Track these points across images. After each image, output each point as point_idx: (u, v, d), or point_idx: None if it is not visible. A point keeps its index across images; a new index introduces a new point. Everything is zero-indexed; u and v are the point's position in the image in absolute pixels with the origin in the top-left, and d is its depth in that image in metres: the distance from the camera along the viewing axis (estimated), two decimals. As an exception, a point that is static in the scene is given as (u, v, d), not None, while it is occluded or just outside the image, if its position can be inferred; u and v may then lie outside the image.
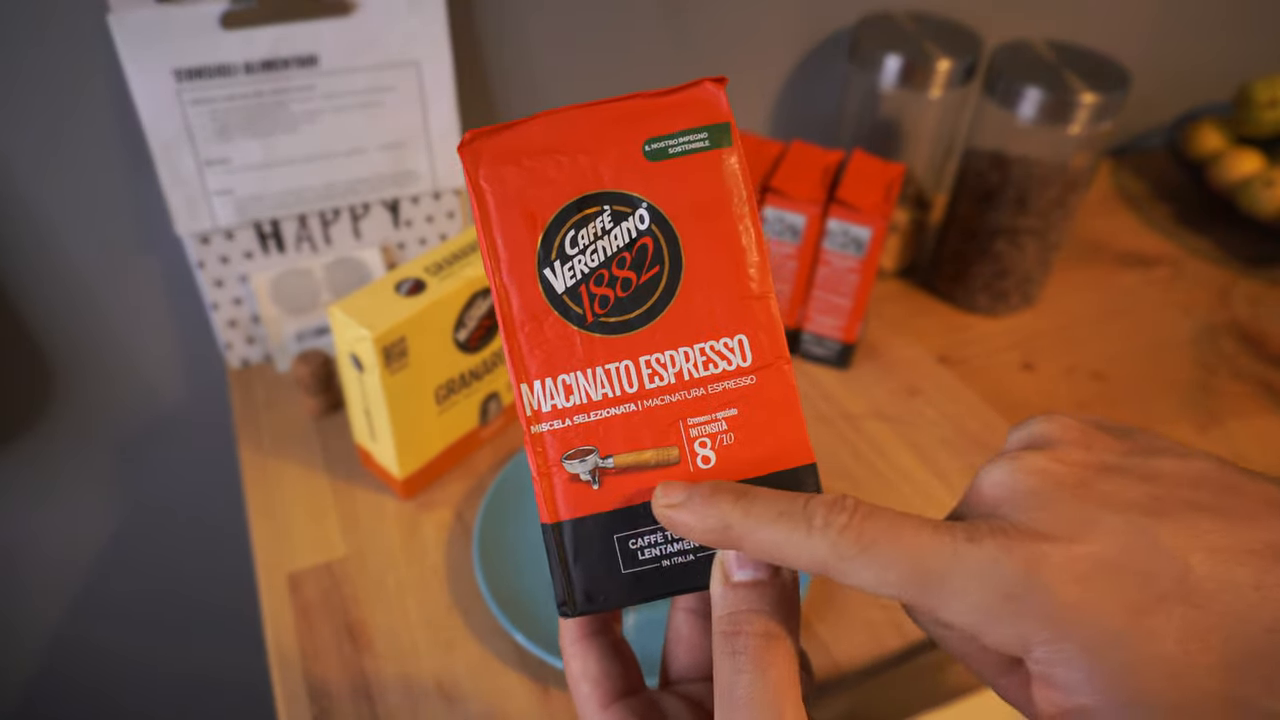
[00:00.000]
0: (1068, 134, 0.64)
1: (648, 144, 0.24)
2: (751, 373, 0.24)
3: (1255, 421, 0.65)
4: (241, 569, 0.84)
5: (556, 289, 0.24)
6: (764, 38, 0.73)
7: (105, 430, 0.70)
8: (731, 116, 0.24)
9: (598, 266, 0.24)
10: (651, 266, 0.24)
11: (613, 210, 0.24)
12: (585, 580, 0.24)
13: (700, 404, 0.24)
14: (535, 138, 0.24)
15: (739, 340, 0.24)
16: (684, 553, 0.24)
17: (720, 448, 0.24)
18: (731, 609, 0.22)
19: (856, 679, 0.49)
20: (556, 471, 0.24)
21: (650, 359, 0.24)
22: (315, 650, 0.48)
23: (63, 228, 0.59)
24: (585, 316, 0.24)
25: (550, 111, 0.24)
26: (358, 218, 0.63)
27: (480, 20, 0.63)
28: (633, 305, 0.24)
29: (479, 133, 0.24)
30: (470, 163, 0.24)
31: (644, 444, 0.24)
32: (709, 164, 0.24)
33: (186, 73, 0.54)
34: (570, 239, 0.24)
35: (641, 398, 0.24)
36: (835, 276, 0.62)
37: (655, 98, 0.24)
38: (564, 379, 0.24)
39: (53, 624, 0.80)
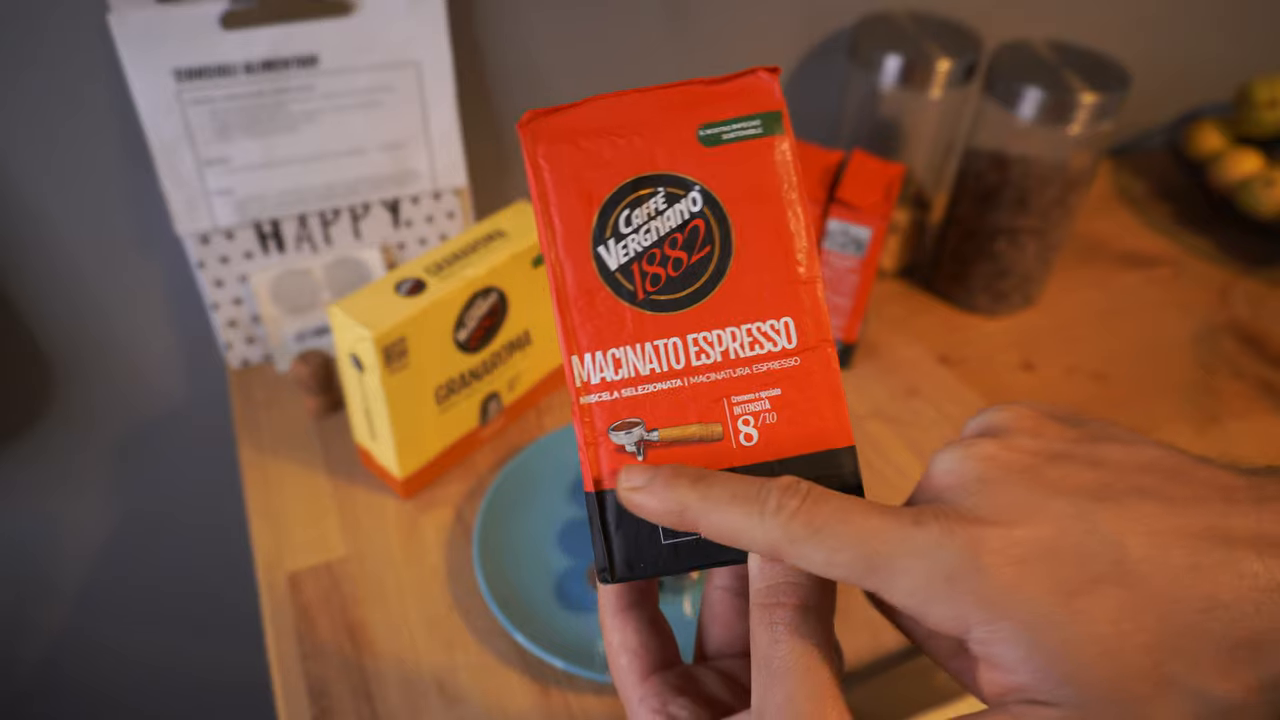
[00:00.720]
0: (1068, 134, 0.64)
1: (702, 129, 0.25)
2: (796, 355, 0.24)
3: (1255, 421, 0.65)
4: (241, 569, 0.84)
5: (610, 265, 0.24)
6: (764, 38, 0.73)
7: (105, 430, 0.70)
8: (784, 105, 0.25)
9: (650, 245, 0.24)
10: (703, 247, 0.24)
11: (667, 192, 0.25)
12: (626, 549, 0.24)
13: (745, 383, 0.24)
14: (592, 119, 0.25)
15: (785, 322, 0.24)
16: None
17: (763, 425, 0.24)
18: (769, 582, 0.22)
19: (856, 679, 0.49)
20: (603, 442, 0.24)
21: (698, 337, 0.24)
22: (315, 650, 0.48)
23: (63, 228, 0.59)
24: (636, 293, 0.24)
25: (607, 95, 0.25)
26: (358, 218, 0.63)
27: (480, 20, 0.63)
28: (683, 284, 0.24)
29: (538, 113, 0.25)
30: (529, 141, 0.25)
31: (689, 419, 0.24)
32: (761, 150, 0.25)
33: (186, 73, 0.54)
34: (625, 218, 0.24)
35: (688, 374, 0.24)
36: (835, 276, 0.62)
37: (710, 85, 0.25)
38: (614, 353, 0.24)
39: (53, 623, 0.80)
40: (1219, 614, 0.19)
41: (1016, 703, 0.20)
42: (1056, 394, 0.67)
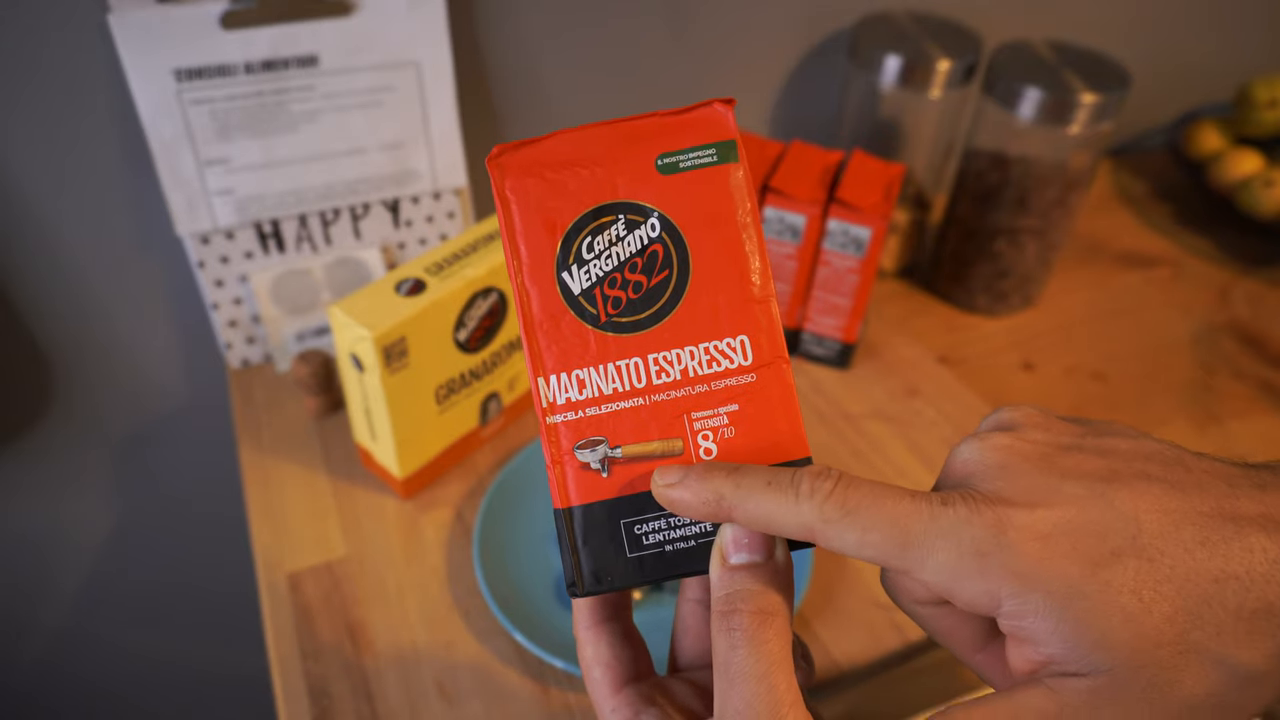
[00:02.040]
0: (1068, 134, 0.64)
1: (660, 159, 0.26)
2: (752, 371, 0.26)
3: (1255, 421, 0.65)
4: (242, 569, 0.84)
5: (573, 290, 0.26)
6: (764, 38, 0.73)
7: (105, 430, 0.70)
8: (738, 135, 0.26)
9: (611, 270, 0.26)
10: (661, 271, 0.26)
11: (626, 219, 0.26)
12: (593, 562, 0.25)
13: (704, 399, 0.25)
14: (556, 152, 0.26)
15: (741, 340, 0.26)
16: (686, 538, 0.25)
17: (722, 440, 0.25)
18: (728, 589, 0.23)
19: (856, 679, 0.49)
20: (569, 460, 0.25)
21: (658, 356, 0.26)
22: (315, 650, 0.48)
23: (63, 228, 0.59)
24: (599, 316, 0.26)
25: (570, 129, 0.26)
26: (358, 218, 0.63)
27: (480, 20, 0.63)
28: (643, 306, 0.26)
29: (505, 147, 0.26)
30: (498, 174, 0.26)
31: (651, 435, 0.25)
32: (716, 178, 0.26)
33: (186, 73, 0.54)
34: (587, 245, 0.26)
35: (649, 392, 0.25)
36: (835, 276, 0.62)
37: (668, 116, 0.26)
38: (578, 374, 0.25)
39: (53, 622, 0.80)
40: (1232, 585, 0.20)
41: (1049, 676, 0.20)
42: (1056, 394, 0.67)
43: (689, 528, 0.25)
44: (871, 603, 0.51)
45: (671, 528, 0.25)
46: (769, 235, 0.62)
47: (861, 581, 0.52)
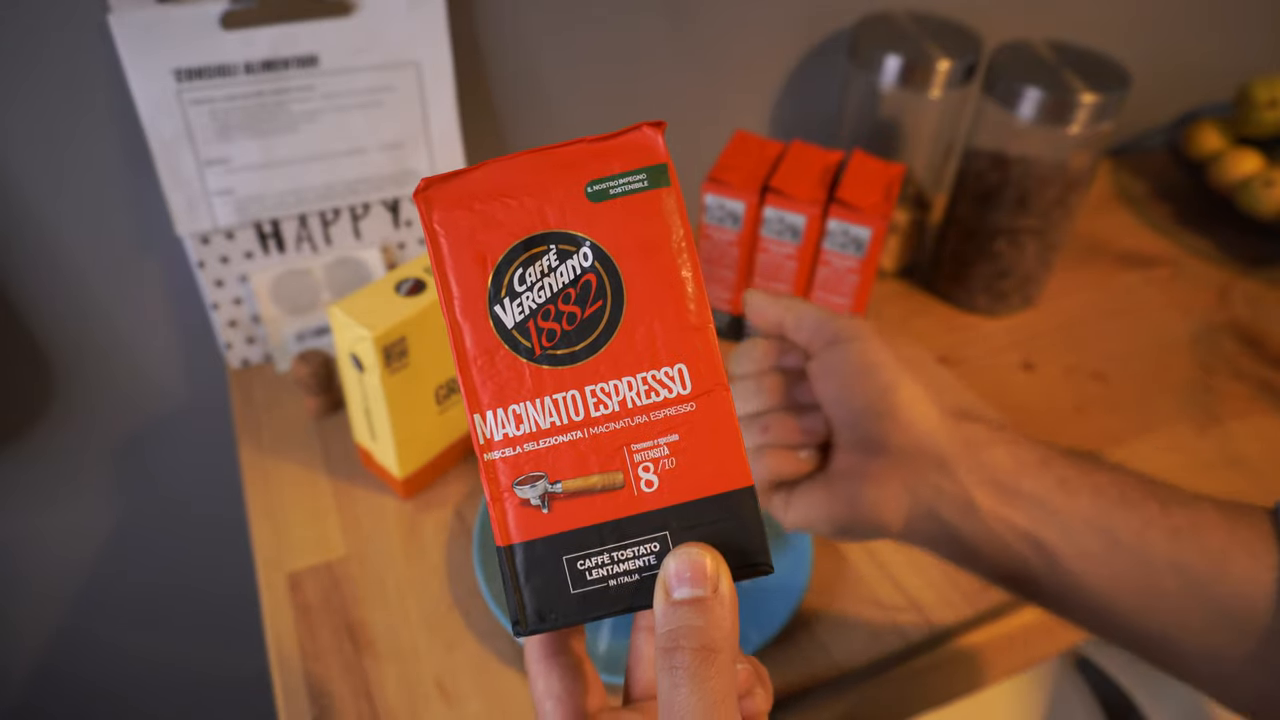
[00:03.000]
0: (1068, 134, 0.64)
1: (590, 186, 0.26)
2: (691, 400, 0.25)
3: (1255, 421, 0.65)
4: (241, 569, 0.84)
5: (506, 324, 0.25)
6: (764, 38, 0.73)
7: (105, 430, 0.70)
8: (668, 158, 0.26)
9: (545, 302, 0.25)
10: (595, 301, 0.25)
11: (558, 249, 0.25)
12: (536, 600, 0.25)
13: (643, 430, 0.25)
14: (485, 183, 0.26)
15: (679, 369, 0.25)
16: (629, 573, 0.25)
17: (662, 472, 0.25)
18: (671, 626, 0.23)
19: (856, 679, 0.49)
20: (508, 496, 0.25)
21: (595, 388, 0.25)
22: (315, 650, 0.48)
23: (63, 228, 0.59)
24: (534, 349, 0.25)
25: (498, 158, 0.26)
26: (358, 218, 0.63)
27: (480, 21, 0.63)
28: (578, 338, 0.25)
29: (432, 180, 0.25)
30: (425, 208, 0.25)
31: (591, 469, 0.25)
32: (648, 203, 0.26)
33: (186, 73, 0.54)
34: (518, 277, 0.25)
35: (588, 425, 0.25)
36: (835, 276, 0.62)
37: (597, 142, 0.26)
38: (514, 409, 0.25)
39: (53, 623, 0.80)
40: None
41: None
42: (1056, 394, 0.67)
43: (632, 561, 0.25)
44: (871, 603, 0.51)
45: (615, 562, 0.25)
46: (769, 235, 0.62)
47: (862, 581, 0.52)
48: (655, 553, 0.25)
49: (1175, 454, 0.62)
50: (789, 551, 0.52)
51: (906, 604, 0.51)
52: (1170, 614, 0.33)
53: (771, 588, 0.50)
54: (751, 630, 0.48)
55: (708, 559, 0.24)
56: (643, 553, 0.25)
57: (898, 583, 0.52)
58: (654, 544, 0.25)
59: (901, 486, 0.36)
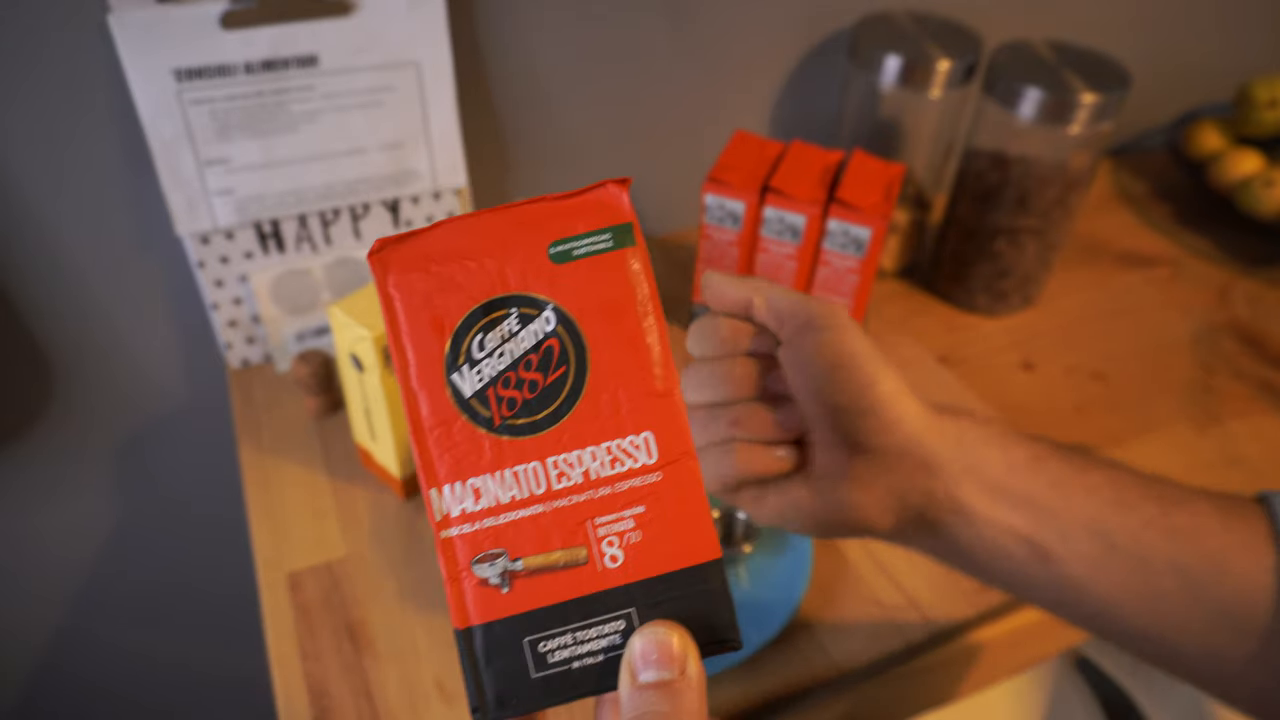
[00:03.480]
0: (1068, 134, 0.64)
1: (552, 246, 0.25)
2: (658, 470, 0.24)
3: (1255, 421, 0.65)
4: (241, 569, 0.84)
5: (465, 393, 0.24)
6: (764, 38, 0.73)
7: (105, 430, 0.70)
8: (634, 216, 0.25)
9: (505, 369, 0.24)
10: (558, 367, 0.24)
11: (520, 313, 0.24)
12: (496, 685, 0.24)
13: (608, 503, 0.24)
14: (442, 243, 0.24)
15: (645, 438, 0.24)
16: (594, 653, 0.24)
17: (628, 545, 0.24)
18: (637, 711, 0.22)
19: (856, 679, 0.49)
20: (466, 576, 0.24)
21: (558, 459, 0.24)
22: (315, 650, 0.48)
23: (63, 228, 0.59)
24: (493, 419, 0.24)
25: (457, 218, 0.25)
26: (358, 218, 0.63)
27: (480, 21, 0.63)
28: (540, 406, 0.24)
29: (387, 241, 0.24)
30: (380, 270, 0.24)
31: (553, 545, 0.24)
32: (613, 264, 0.25)
33: (186, 73, 0.54)
34: (478, 342, 0.24)
35: (550, 498, 0.24)
36: (835, 276, 0.62)
37: (559, 200, 0.25)
38: (473, 482, 0.24)
39: (53, 622, 0.80)
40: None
41: None
42: (1056, 394, 0.67)
43: (597, 641, 0.24)
44: (871, 603, 0.51)
45: (578, 643, 0.24)
46: (769, 235, 0.62)
47: (862, 581, 0.52)
48: (621, 631, 0.24)
49: (1175, 454, 0.62)
50: (789, 551, 0.52)
51: (906, 604, 0.51)
52: (1170, 615, 0.32)
53: (771, 588, 0.50)
54: (751, 630, 0.48)
55: (675, 639, 0.23)
56: (608, 632, 0.24)
57: (898, 583, 0.52)
58: (619, 622, 0.24)
59: (887, 489, 0.34)
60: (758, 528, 0.53)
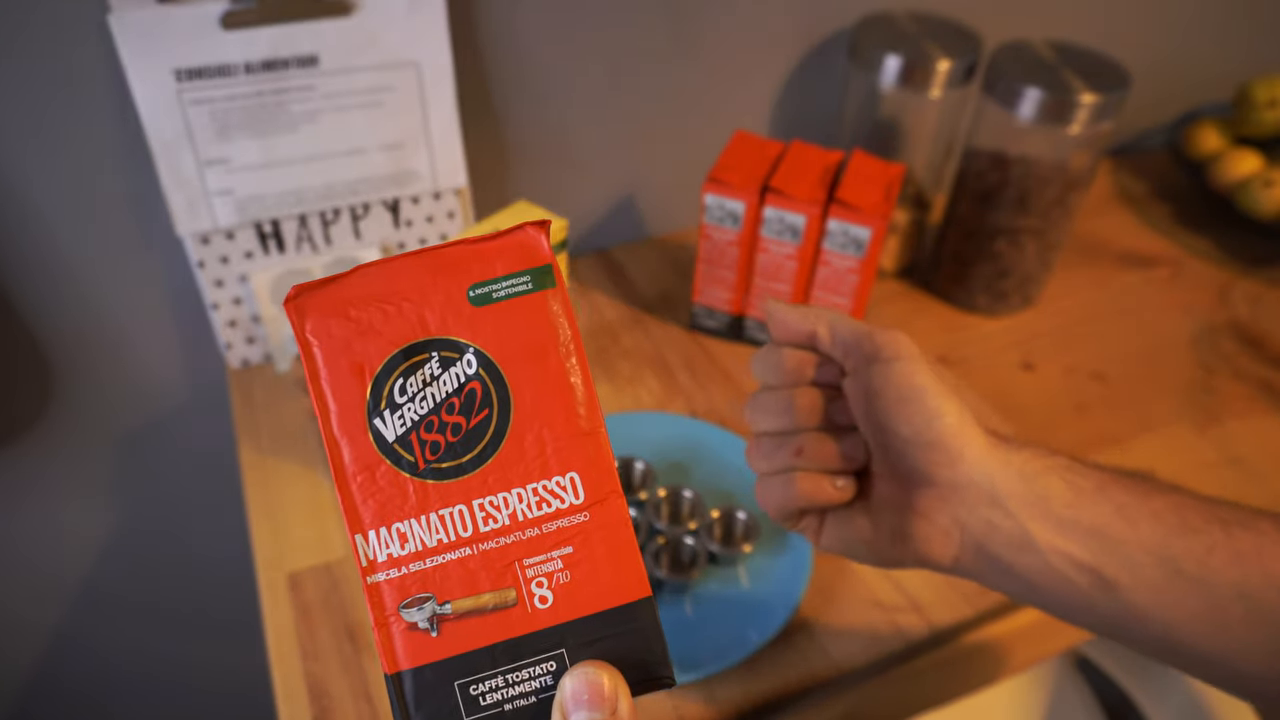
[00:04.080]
0: (1068, 134, 0.64)
1: (472, 289, 0.25)
2: (585, 509, 0.24)
3: (1255, 421, 0.65)
4: (241, 569, 0.84)
5: (387, 438, 0.24)
6: (764, 38, 0.73)
7: (105, 430, 0.70)
8: (553, 258, 0.25)
9: (427, 413, 0.24)
10: (480, 410, 0.24)
11: (440, 356, 0.24)
12: None
13: (535, 544, 0.24)
14: (361, 288, 0.24)
15: (570, 478, 0.24)
16: (525, 694, 0.24)
17: (557, 586, 0.24)
18: None
19: (856, 679, 0.49)
20: (394, 621, 0.24)
21: (484, 502, 0.24)
22: (315, 650, 0.48)
23: (63, 228, 0.59)
24: (417, 464, 0.24)
25: (375, 262, 0.25)
26: (358, 218, 0.63)
27: (480, 21, 0.63)
28: (464, 450, 0.24)
29: (304, 287, 0.24)
30: (296, 317, 0.24)
31: (481, 588, 0.24)
32: (533, 306, 0.25)
33: (186, 73, 0.54)
34: (399, 387, 0.24)
35: (476, 541, 0.24)
36: (835, 276, 0.62)
37: (478, 244, 0.25)
38: (398, 527, 0.24)
39: (52, 623, 0.80)
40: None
41: None
42: (1056, 394, 0.67)
43: (528, 683, 0.24)
44: (871, 603, 0.51)
45: (510, 685, 0.24)
46: (769, 235, 0.62)
47: (862, 581, 0.52)
48: (552, 672, 0.24)
49: (1175, 454, 0.62)
50: (789, 552, 0.52)
51: (906, 604, 0.51)
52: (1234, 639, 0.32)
53: (771, 588, 0.50)
54: (751, 631, 0.48)
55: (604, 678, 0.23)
56: (539, 673, 0.24)
57: (898, 583, 0.52)
58: (550, 663, 0.24)
59: (951, 521, 0.34)
60: (758, 528, 0.53)
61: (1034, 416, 0.65)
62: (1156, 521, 0.33)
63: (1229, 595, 0.32)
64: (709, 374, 0.66)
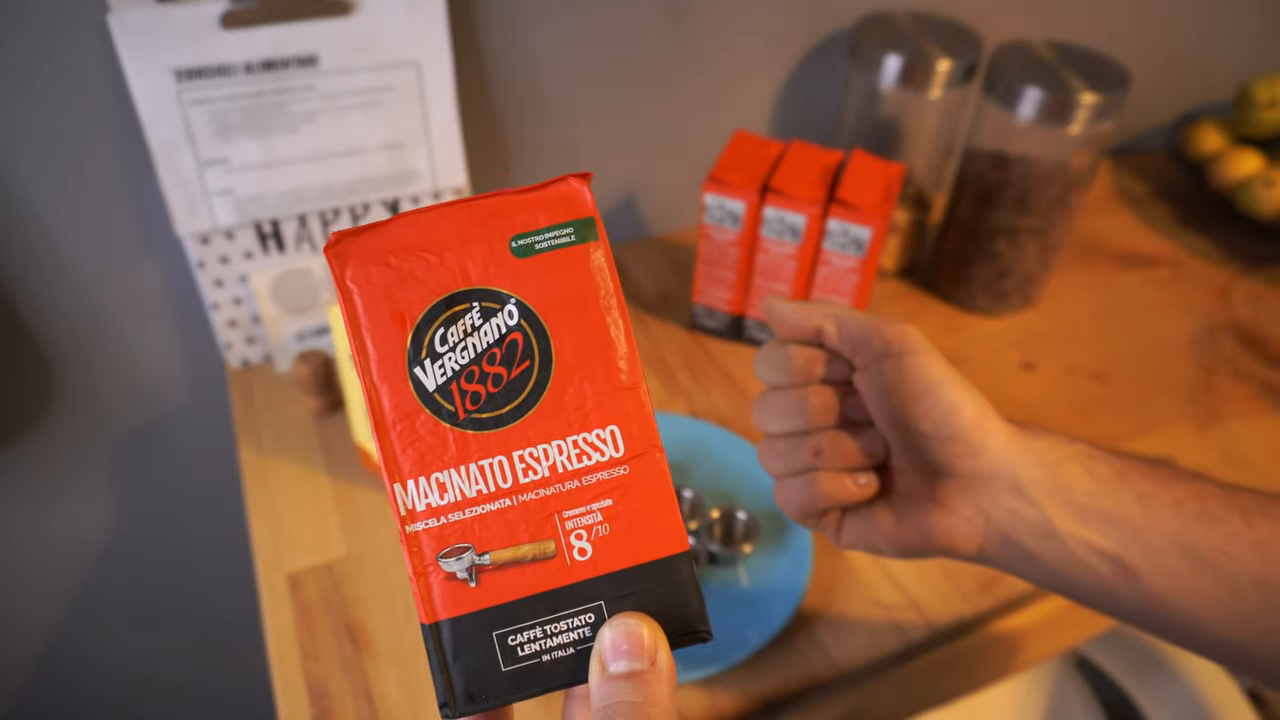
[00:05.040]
0: (1068, 134, 0.64)
1: (514, 240, 0.24)
2: (624, 463, 0.24)
3: (1255, 421, 0.65)
4: (241, 569, 0.84)
5: (427, 387, 0.24)
6: (764, 38, 0.73)
7: (105, 430, 0.70)
8: (596, 211, 0.25)
9: (468, 363, 0.24)
10: (522, 361, 0.24)
11: (481, 307, 0.24)
12: (465, 680, 0.24)
13: (575, 496, 0.24)
14: (402, 236, 0.24)
15: (610, 431, 0.24)
16: (564, 646, 0.24)
17: (596, 539, 0.24)
18: (607, 701, 0.22)
19: (856, 679, 0.49)
20: (433, 571, 0.24)
21: (524, 453, 0.24)
22: (315, 650, 0.48)
23: (63, 228, 0.59)
24: (457, 413, 0.24)
25: (417, 210, 0.24)
26: (358, 217, 0.63)
27: (480, 20, 0.63)
28: (504, 400, 0.24)
29: (344, 234, 0.24)
30: (337, 264, 0.24)
31: (520, 539, 0.24)
32: (575, 259, 0.25)
33: (186, 73, 0.54)
34: (440, 336, 0.24)
35: (516, 492, 0.24)
36: (835, 276, 0.62)
37: (521, 194, 0.25)
38: (437, 477, 0.24)
39: (52, 622, 0.80)
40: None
41: None
42: (1056, 394, 0.67)
43: (567, 634, 0.24)
44: (871, 603, 0.51)
45: (548, 636, 0.24)
46: (769, 235, 0.62)
47: (862, 581, 0.52)
48: (590, 624, 0.24)
49: (1175, 454, 0.62)
50: (789, 552, 0.52)
51: (906, 604, 0.51)
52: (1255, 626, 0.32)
53: (771, 588, 0.50)
54: (751, 630, 0.48)
55: (645, 630, 0.23)
56: (577, 625, 0.24)
57: (898, 583, 0.52)
58: (589, 615, 0.24)
59: (974, 511, 0.34)
60: (758, 528, 0.53)
61: (1034, 416, 0.65)
62: (1177, 509, 0.33)
63: (1249, 583, 0.32)
64: (709, 374, 0.66)
